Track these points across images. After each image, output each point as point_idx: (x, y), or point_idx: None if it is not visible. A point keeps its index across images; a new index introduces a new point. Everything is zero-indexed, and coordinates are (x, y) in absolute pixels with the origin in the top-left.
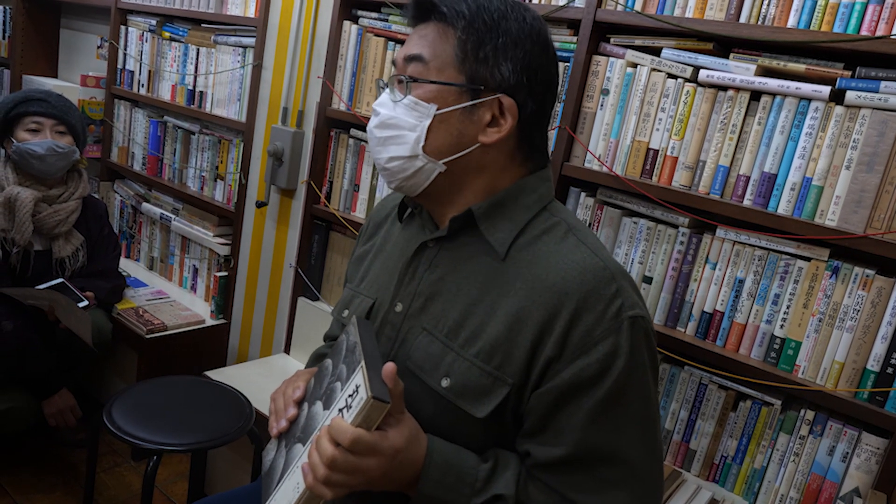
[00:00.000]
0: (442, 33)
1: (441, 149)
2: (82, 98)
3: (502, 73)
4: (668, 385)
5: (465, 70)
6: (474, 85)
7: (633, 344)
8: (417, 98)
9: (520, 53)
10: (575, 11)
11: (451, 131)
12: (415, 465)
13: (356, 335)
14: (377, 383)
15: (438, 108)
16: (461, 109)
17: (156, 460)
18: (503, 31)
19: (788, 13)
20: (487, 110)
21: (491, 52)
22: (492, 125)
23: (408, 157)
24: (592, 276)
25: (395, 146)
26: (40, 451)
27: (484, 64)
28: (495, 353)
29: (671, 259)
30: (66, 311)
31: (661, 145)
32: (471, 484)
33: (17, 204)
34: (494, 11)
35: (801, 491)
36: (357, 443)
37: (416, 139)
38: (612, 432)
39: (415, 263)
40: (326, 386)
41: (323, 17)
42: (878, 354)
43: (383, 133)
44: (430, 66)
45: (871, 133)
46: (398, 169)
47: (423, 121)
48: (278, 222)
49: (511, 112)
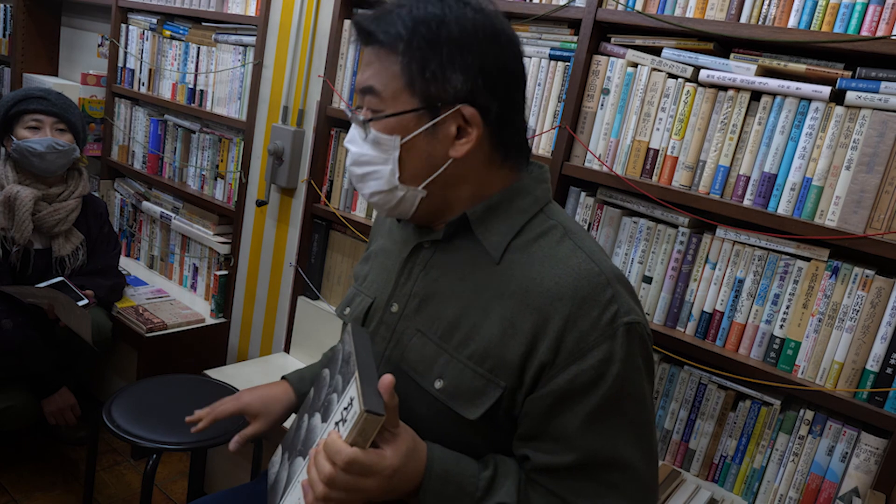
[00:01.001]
0: (386, 58)
1: (415, 175)
2: (83, 96)
3: (454, 84)
4: (668, 385)
5: (416, 92)
6: (430, 105)
7: (629, 350)
8: (380, 132)
9: (468, 59)
10: (576, 11)
11: (421, 156)
12: (415, 478)
13: (351, 344)
14: (371, 396)
15: (402, 138)
16: (424, 132)
17: (155, 459)
18: (444, 39)
19: (789, 13)
20: (451, 123)
21: (437, 67)
22: (459, 137)
23: (387, 190)
24: (587, 282)
25: (373, 181)
26: (40, 449)
27: (434, 81)
28: (488, 356)
29: (671, 259)
30: (66, 309)
31: (662, 145)
32: (471, 493)
33: (16, 202)
34: (431, 20)
35: (800, 491)
36: (353, 464)
37: (390, 172)
38: (610, 437)
39: (410, 264)
40: (324, 397)
41: (323, 15)
42: (878, 354)
43: (360, 170)
44: (383, 97)
45: (871, 133)
46: (383, 201)
47: (392, 153)
48: (278, 221)
49: (474, 121)
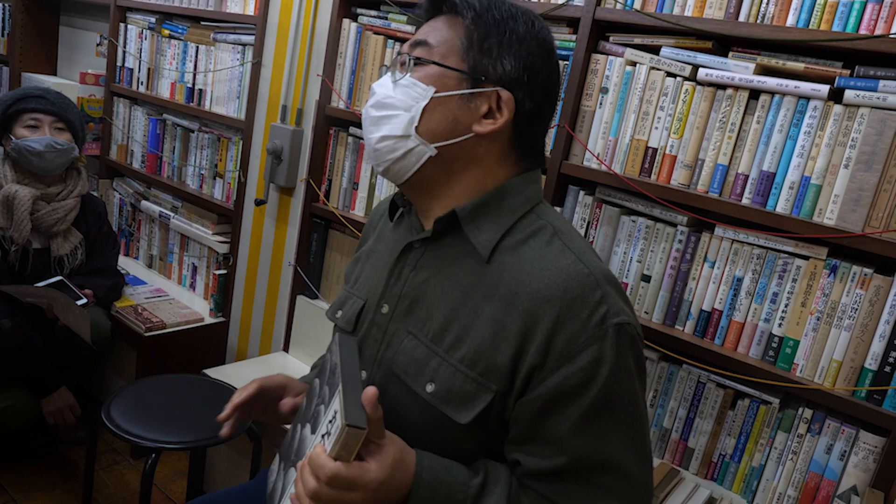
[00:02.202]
0: (451, 23)
1: (434, 131)
2: (81, 95)
3: (504, 66)
4: (667, 383)
5: (468, 59)
6: (475, 74)
7: (619, 351)
8: (417, 79)
9: (524, 52)
10: (574, 9)
11: (447, 115)
12: (403, 488)
13: (337, 355)
14: (353, 409)
15: (437, 91)
16: (459, 96)
17: (154, 458)
18: (510, 29)
19: (787, 12)
20: (485, 101)
21: (496, 44)
22: (487, 117)
23: (399, 136)
24: (576, 283)
25: (387, 125)
26: (39, 449)
27: (487, 55)
28: (479, 360)
29: (670, 257)
30: (65, 309)
31: (660, 144)
32: (461, 501)
33: (15, 202)
34: (504, 11)
35: (799, 489)
36: (336, 479)
37: (409, 119)
38: (602, 440)
39: (400, 264)
40: (314, 408)
41: (322, 14)
42: (876, 353)
43: (378, 112)
44: (435, 52)
45: (870, 132)
46: (388, 149)
47: (420, 102)
48: (277, 220)
49: (508, 106)
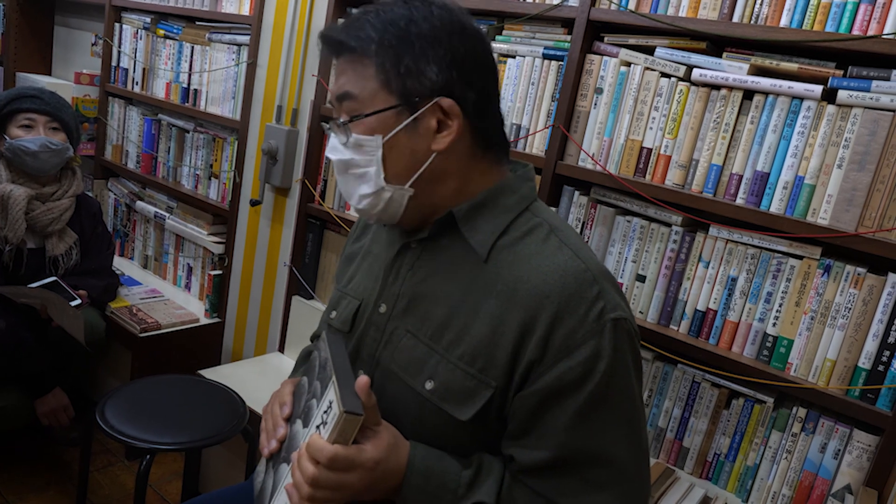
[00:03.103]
0: (359, 62)
1: (401, 174)
2: (76, 95)
3: (430, 77)
4: (662, 383)
5: (393, 89)
6: (408, 100)
7: (616, 346)
8: (361, 135)
9: (440, 51)
10: (569, 10)
11: (404, 153)
12: (397, 473)
13: (327, 351)
14: (349, 397)
15: (384, 136)
16: (405, 128)
17: (149, 459)
18: (415, 36)
19: (781, 12)
20: (431, 117)
21: (411, 62)
22: (440, 130)
23: (375, 192)
24: (574, 279)
25: (362, 184)
26: (33, 450)
27: (409, 76)
28: (478, 356)
29: (664, 257)
30: (59, 309)
31: (655, 144)
32: (453, 490)
33: (10, 202)
34: (399, 20)
35: (793, 488)
36: (335, 460)
37: (375, 173)
38: (597, 434)
39: (398, 264)
40: (304, 404)
41: (317, 14)
42: (870, 352)
43: (345, 175)
44: (361, 99)
45: (863, 132)
46: (370, 206)
47: (375, 153)
48: (273, 221)
49: (453, 111)
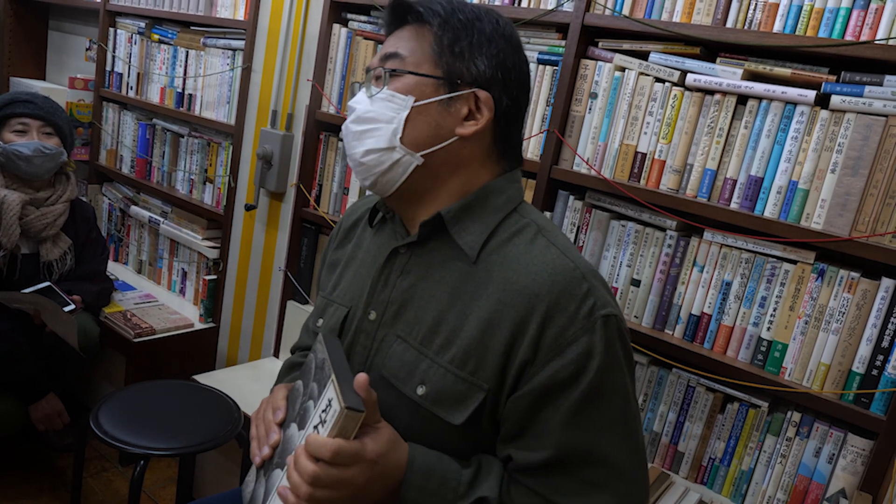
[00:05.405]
0: (418, 32)
1: (418, 140)
2: (70, 100)
3: (478, 67)
4: (656, 387)
5: (441, 64)
6: (451, 79)
7: (608, 342)
8: (395, 90)
9: (494, 50)
10: (563, 15)
11: (429, 122)
12: (397, 471)
13: (324, 351)
14: (349, 394)
15: (416, 100)
16: (438, 102)
17: (143, 465)
18: (477, 29)
19: (774, 18)
20: (464, 104)
21: (466, 47)
22: (468, 119)
23: (385, 148)
24: (563, 277)
25: (371, 139)
26: (27, 456)
27: (460, 58)
28: (469, 359)
29: (659, 262)
30: (52, 315)
31: (649, 149)
32: (454, 489)
33: (3, 207)
34: (469, 12)
35: (787, 492)
36: (338, 454)
37: (393, 131)
38: (592, 433)
39: (387, 270)
40: (299, 407)
41: (312, 19)
42: (864, 356)
43: (360, 127)
44: (407, 62)
45: (856, 137)
46: (374, 162)
47: (401, 112)
48: (267, 225)
49: (487, 105)
